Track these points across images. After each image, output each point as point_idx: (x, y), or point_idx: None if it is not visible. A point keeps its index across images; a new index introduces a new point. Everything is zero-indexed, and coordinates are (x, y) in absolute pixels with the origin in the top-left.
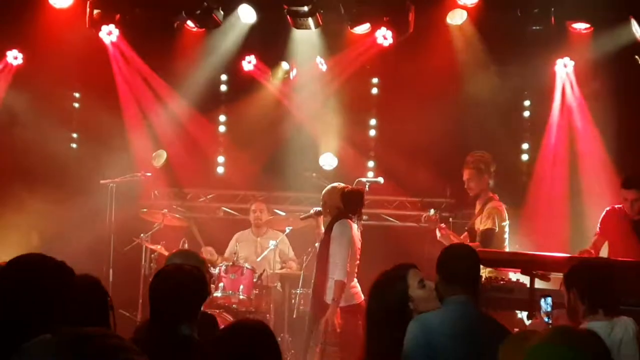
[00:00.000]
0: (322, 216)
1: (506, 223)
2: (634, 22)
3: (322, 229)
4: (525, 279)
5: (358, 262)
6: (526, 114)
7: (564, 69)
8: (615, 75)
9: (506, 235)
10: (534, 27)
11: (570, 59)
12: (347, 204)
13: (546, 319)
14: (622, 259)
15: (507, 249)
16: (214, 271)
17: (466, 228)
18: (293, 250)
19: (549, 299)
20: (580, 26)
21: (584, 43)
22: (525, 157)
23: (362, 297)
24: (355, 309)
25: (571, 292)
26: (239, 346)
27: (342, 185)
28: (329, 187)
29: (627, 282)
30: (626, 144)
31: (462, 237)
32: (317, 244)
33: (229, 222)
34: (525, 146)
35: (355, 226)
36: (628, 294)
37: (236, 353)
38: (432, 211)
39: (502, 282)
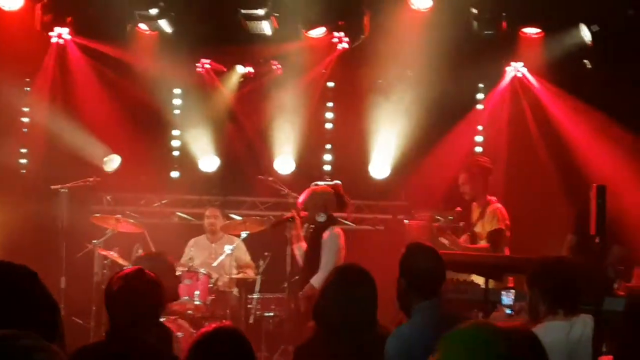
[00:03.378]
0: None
1: (508, 225)
2: (583, 27)
3: (301, 232)
4: (479, 280)
5: None
6: (480, 116)
7: (515, 72)
8: (565, 79)
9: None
10: (486, 32)
11: (523, 64)
12: (333, 210)
13: (508, 311)
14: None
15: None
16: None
17: (468, 233)
18: (250, 255)
19: (511, 292)
20: (531, 31)
21: (535, 47)
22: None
23: None
24: None
25: (532, 291)
26: (220, 353)
27: (322, 187)
28: (309, 191)
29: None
30: (571, 147)
31: (462, 239)
32: (295, 246)
33: (184, 227)
34: (478, 149)
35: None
36: (586, 294)
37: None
38: (441, 219)
39: (458, 283)
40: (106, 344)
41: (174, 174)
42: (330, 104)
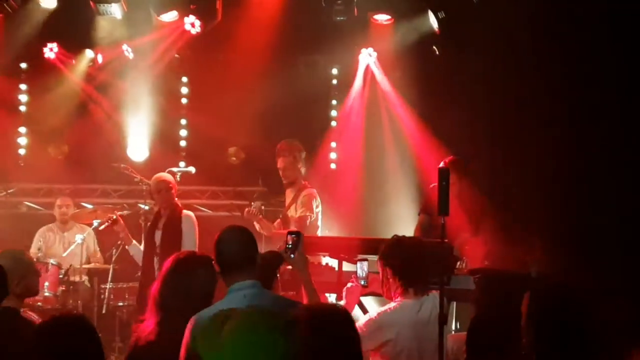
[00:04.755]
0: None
1: (320, 209)
2: (431, 14)
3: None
4: (333, 262)
5: None
6: (333, 102)
7: (368, 58)
8: (415, 65)
9: (319, 222)
10: (338, 18)
11: (374, 50)
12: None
13: (362, 282)
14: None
15: (319, 234)
16: None
17: (280, 216)
18: (101, 244)
19: (365, 264)
20: (382, 17)
21: (385, 34)
22: (332, 144)
23: None
24: None
25: (385, 270)
26: (59, 341)
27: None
28: (155, 178)
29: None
30: (423, 130)
31: (275, 224)
32: (128, 246)
33: (32, 217)
34: (333, 135)
35: None
36: (435, 273)
37: (56, 348)
38: (253, 205)
39: (312, 266)
40: None
41: (21, 162)
42: (184, 90)
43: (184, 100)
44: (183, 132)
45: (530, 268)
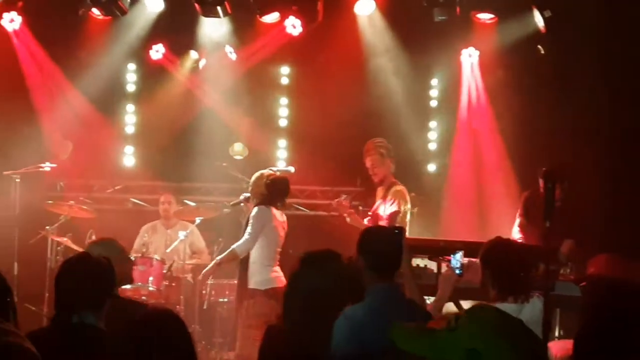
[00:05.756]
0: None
1: (408, 207)
2: (536, 12)
3: None
4: (432, 265)
5: (280, 249)
6: (433, 103)
7: (469, 58)
8: (519, 65)
9: (407, 220)
10: (440, 18)
11: (475, 49)
12: (271, 191)
13: (458, 272)
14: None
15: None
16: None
17: (369, 213)
18: (204, 241)
19: (459, 254)
20: (485, 16)
21: (488, 33)
22: (432, 145)
23: (283, 282)
24: (273, 292)
25: (485, 272)
26: (150, 334)
27: (269, 172)
28: (257, 174)
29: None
30: (525, 132)
31: (365, 221)
32: None
33: (138, 213)
34: (432, 135)
35: (278, 213)
36: (538, 279)
37: (147, 341)
38: (343, 196)
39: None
40: (49, 330)
41: (128, 160)
42: (283, 91)
43: (283, 100)
44: (282, 133)
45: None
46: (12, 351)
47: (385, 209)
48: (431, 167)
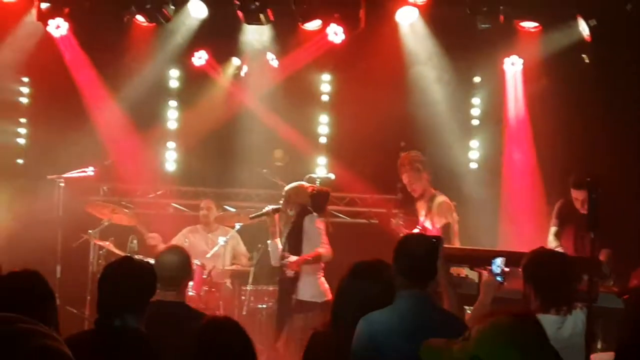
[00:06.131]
0: (277, 214)
1: (455, 217)
2: (581, 21)
3: (277, 227)
4: (473, 275)
5: None
6: (475, 111)
7: (512, 67)
8: (563, 74)
9: (456, 229)
10: (483, 25)
11: (519, 57)
12: (315, 203)
13: (499, 279)
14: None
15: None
16: None
17: (418, 227)
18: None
19: (498, 260)
20: (529, 25)
21: (532, 41)
22: (474, 154)
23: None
24: (326, 305)
25: (527, 285)
26: (211, 344)
27: (308, 185)
28: (295, 184)
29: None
30: (566, 141)
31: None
32: (269, 241)
33: (178, 218)
34: (474, 143)
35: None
36: (581, 291)
37: (207, 351)
38: (397, 219)
39: (451, 277)
40: (92, 333)
41: (169, 166)
42: (325, 97)
43: (324, 108)
44: (323, 140)
45: None
46: (49, 354)
47: (433, 222)
48: (472, 176)
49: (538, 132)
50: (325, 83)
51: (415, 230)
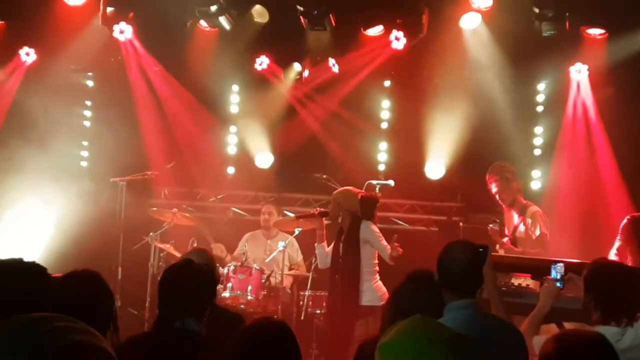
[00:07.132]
0: (325, 217)
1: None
2: None
3: (324, 231)
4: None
5: None
6: (539, 119)
7: (577, 74)
8: (629, 82)
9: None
10: (548, 32)
11: (584, 64)
12: (364, 208)
13: (558, 284)
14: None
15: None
16: (222, 270)
17: (509, 236)
18: (302, 252)
19: (558, 266)
20: (595, 32)
21: (598, 49)
22: (537, 165)
23: None
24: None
25: (588, 295)
26: (264, 345)
27: (357, 189)
28: (342, 189)
29: None
30: (633, 151)
31: (497, 247)
32: (316, 244)
33: (238, 222)
34: (537, 152)
35: None
36: None
37: (254, 351)
38: (493, 224)
39: (512, 287)
40: (152, 334)
41: (230, 170)
42: (386, 103)
43: (385, 114)
44: (383, 145)
45: None
46: (83, 349)
47: (528, 232)
48: (535, 185)
49: (605, 139)
50: (386, 89)
51: (505, 240)
